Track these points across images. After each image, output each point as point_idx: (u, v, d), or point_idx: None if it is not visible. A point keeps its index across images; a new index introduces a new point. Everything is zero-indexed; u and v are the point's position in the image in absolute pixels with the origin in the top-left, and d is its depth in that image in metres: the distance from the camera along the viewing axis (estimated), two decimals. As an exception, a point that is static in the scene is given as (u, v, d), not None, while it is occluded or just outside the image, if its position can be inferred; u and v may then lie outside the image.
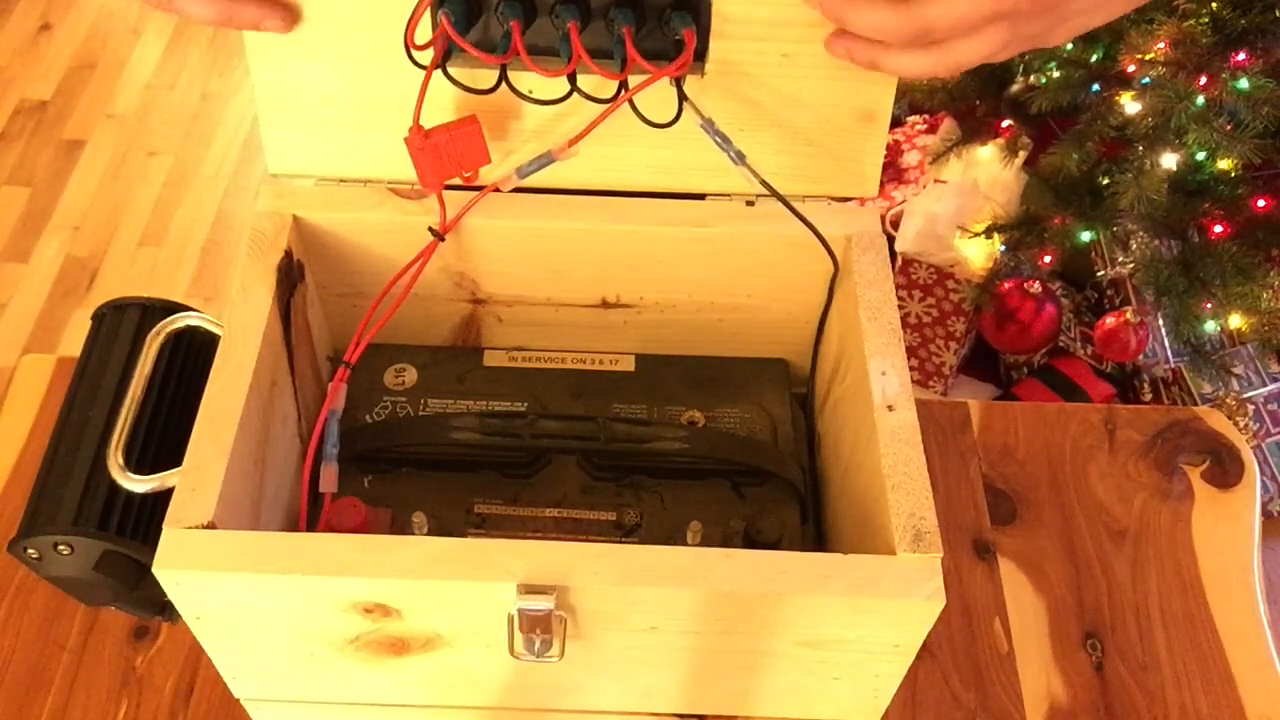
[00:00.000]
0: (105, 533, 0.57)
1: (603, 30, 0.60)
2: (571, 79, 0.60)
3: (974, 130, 1.69)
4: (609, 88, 0.60)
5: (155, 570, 0.51)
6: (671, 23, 0.59)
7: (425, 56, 0.60)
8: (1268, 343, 1.61)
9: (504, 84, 0.61)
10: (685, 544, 0.65)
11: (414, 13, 0.58)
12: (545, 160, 0.64)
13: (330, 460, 0.63)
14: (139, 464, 0.59)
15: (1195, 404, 1.63)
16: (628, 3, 0.59)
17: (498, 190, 0.65)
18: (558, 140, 0.64)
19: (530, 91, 0.61)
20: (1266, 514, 1.69)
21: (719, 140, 0.62)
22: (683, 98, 0.61)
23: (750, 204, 0.66)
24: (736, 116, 0.63)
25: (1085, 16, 0.52)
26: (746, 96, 0.62)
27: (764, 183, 0.62)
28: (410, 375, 0.72)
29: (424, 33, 0.59)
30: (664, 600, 0.52)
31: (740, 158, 0.62)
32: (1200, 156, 1.46)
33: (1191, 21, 1.42)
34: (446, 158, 0.62)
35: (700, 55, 0.61)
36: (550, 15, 0.57)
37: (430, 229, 0.65)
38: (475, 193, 0.65)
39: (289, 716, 0.64)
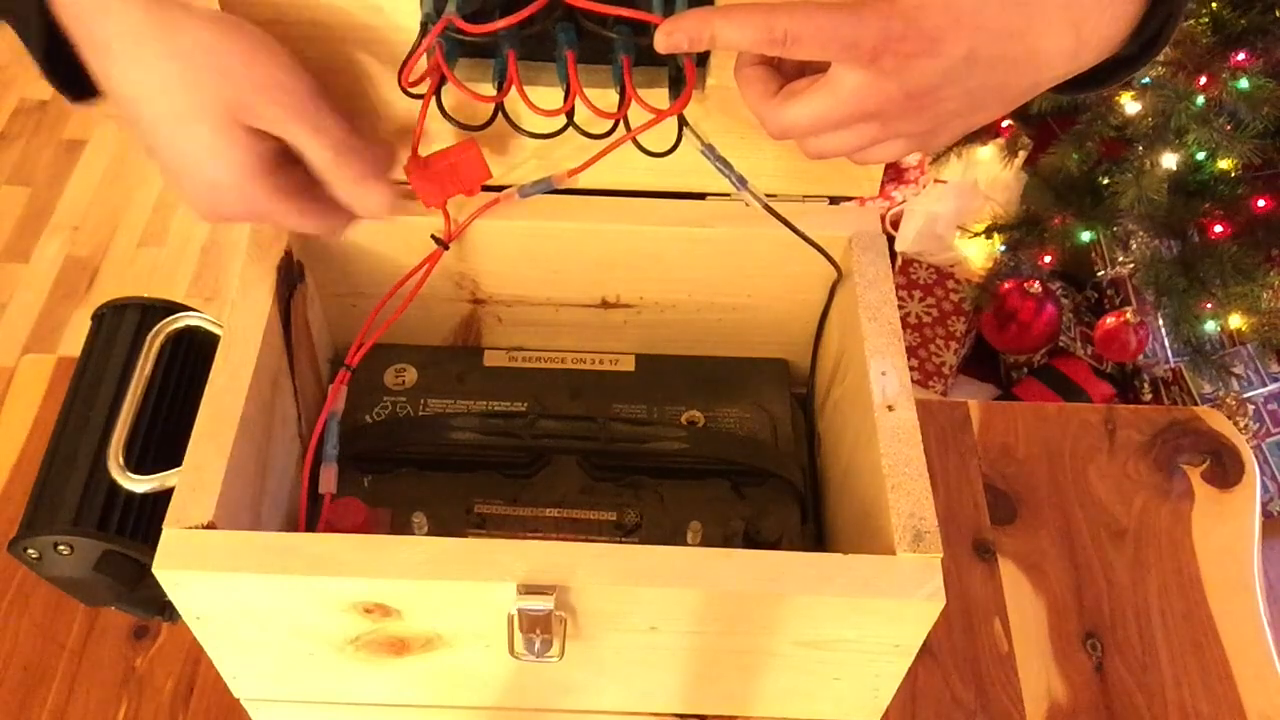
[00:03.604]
0: (105, 533, 0.57)
1: (601, 34, 0.59)
2: (569, 114, 0.59)
3: (975, 130, 1.69)
4: (608, 108, 0.60)
5: (155, 570, 0.51)
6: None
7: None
8: (1268, 343, 1.61)
9: (500, 114, 0.60)
10: (685, 544, 0.65)
11: (410, 53, 0.58)
12: (545, 185, 0.64)
13: (330, 461, 0.63)
14: (139, 464, 0.59)
15: (1195, 404, 1.64)
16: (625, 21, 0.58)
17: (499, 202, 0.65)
18: (558, 155, 0.64)
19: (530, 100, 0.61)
20: (1266, 514, 1.69)
21: (720, 166, 0.61)
22: (683, 124, 0.60)
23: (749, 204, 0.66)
24: (737, 124, 0.63)
25: (965, 119, 0.52)
26: (747, 111, 0.62)
27: (767, 206, 0.62)
28: (410, 375, 0.72)
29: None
30: (664, 600, 0.52)
31: (742, 182, 0.62)
32: (1200, 156, 1.47)
33: (1191, 21, 1.42)
34: (448, 180, 0.62)
35: (701, 64, 0.61)
36: (548, 22, 0.57)
37: (434, 237, 0.65)
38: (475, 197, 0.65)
39: (289, 716, 0.64)
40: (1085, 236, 1.57)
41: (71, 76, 0.55)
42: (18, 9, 0.53)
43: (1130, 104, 1.47)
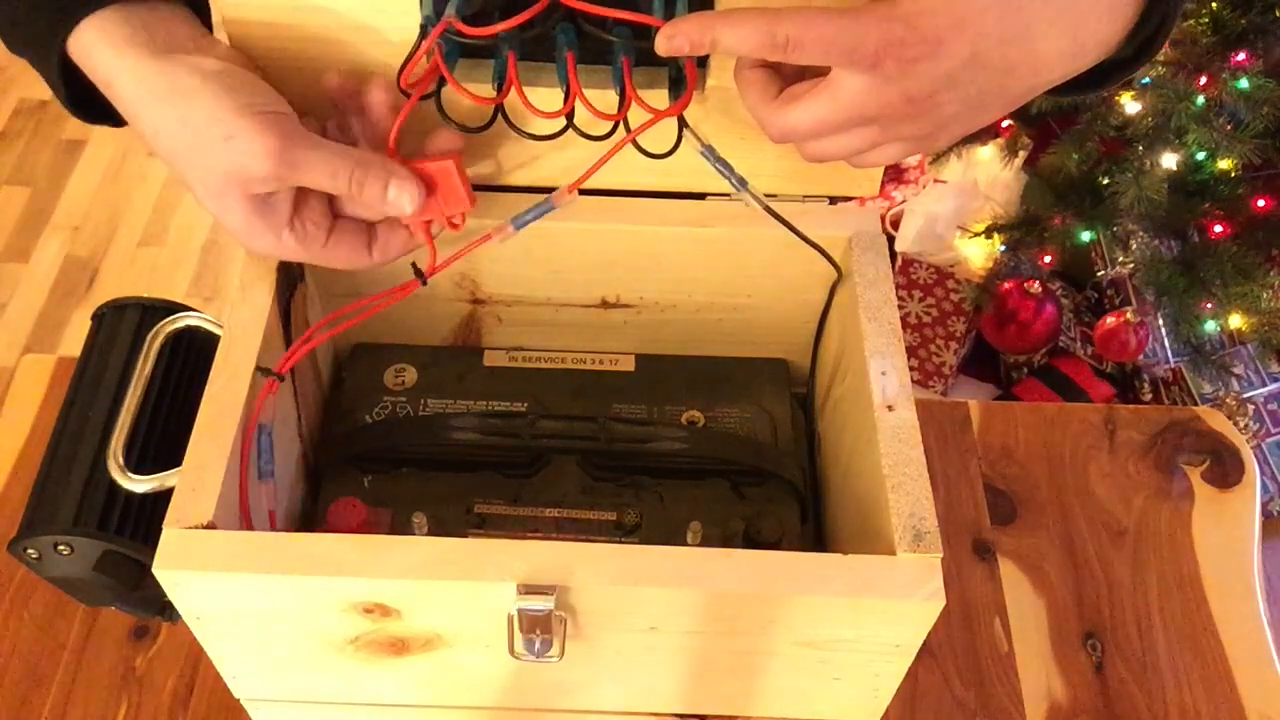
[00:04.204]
0: (105, 533, 0.57)
1: (601, 36, 0.59)
2: (569, 116, 0.59)
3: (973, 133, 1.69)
4: (608, 110, 0.59)
5: (155, 570, 0.51)
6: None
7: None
8: (1268, 343, 1.61)
9: (499, 116, 0.60)
10: (685, 544, 0.65)
11: (410, 55, 0.57)
12: (545, 208, 0.62)
13: (267, 478, 0.59)
14: (139, 464, 0.59)
15: (1195, 404, 1.64)
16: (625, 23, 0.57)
17: (490, 237, 0.63)
18: (557, 157, 0.64)
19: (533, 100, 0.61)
20: (1266, 514, 1.69)
21: (720, 167, 0.61)
22: (683, 125, 0.60)
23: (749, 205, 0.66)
24: (737, 125, 0.63)
25: (964, 122, 0.52)
26: (747, 112, 0.62)
27: (767, 207, 0.62)
28: (410, 375, 0.72)
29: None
30: (664, 600, 0.52)
31: (742, 183, 0.62)
32: (1200, 156, 1.47)
33: (1191, 21, 1.43)
34: (427, 195, 0.59)
35: (701, 65, 0.61)
36: (548, 24, 0.57)
37: (414, 267, 0.63)
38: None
39: (289, 716, 0.64)
40: (1085, 236, 1.57)
41: (96, 105, 0.56)
42: (40, 63, 0.55)
43: (1130, 104, 1.47)
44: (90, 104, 0.56)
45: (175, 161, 0.54)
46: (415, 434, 0.69)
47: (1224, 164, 1.47)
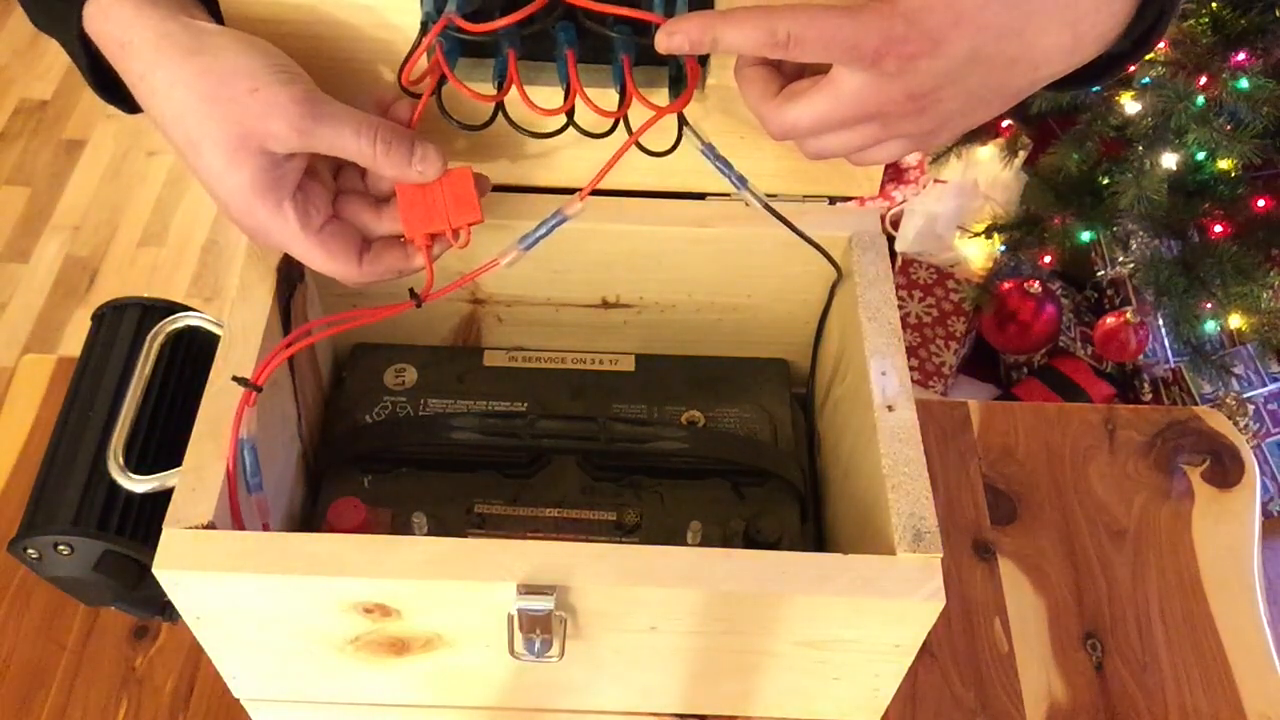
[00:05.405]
0: (105, 533, 0.57)
1: (601, 34, 0.59)
2: (569, 114, 0.59)
3: (974, 130, 1.69)
4: (609, 108, 0.59)
5: (155, 570, 0.51)
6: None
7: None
8: (1268, 343, 1.61)
9: (500, 114, 0.59)
10: (685, 544, 0.65)
11: (410, 53, 0.57)
12: (558, 220, 0.61)
13: (256, 491, 0.58)
14: (139, 464, 0.59)
15: (1195, 404, 1.63)
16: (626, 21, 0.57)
17: (497, 263, 0.62)
18: (557, 156, 0.64)
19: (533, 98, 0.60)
20: (1266, 514, 1.69)
21: (720, 166, 0.61)
22: (683, 123, 0.60)
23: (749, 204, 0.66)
24: (737, 124, 0.63)
25: (965, 118, 0.53)
26: (747, 111, 0.62)
27: (767, 206, 0.62)
28: (410, 375, 0.72)
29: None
30: (664, 600, 0.52)
31: (742, 182, 0.62)
32: (1200, 156, 1.47)
33: (1191, 21, 1.42)
34: (436, 206, 0.57)
35: (702, 63, 0.61)
36: (548, 21, 0.57)
37: (411, 291, 0.61)
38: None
39: (289, 716, 0.64)
40: (1085, 236, 1.57)
41: (119, 90, 0.56)
42: (63, 34, 0.56)
43: (1130, 104, 1.47)
44: (113, 84, 0.56)
45: (185, 119, 0.53)
46: (415, 434, 0.69)
47: (1224, 164, 1.47)
